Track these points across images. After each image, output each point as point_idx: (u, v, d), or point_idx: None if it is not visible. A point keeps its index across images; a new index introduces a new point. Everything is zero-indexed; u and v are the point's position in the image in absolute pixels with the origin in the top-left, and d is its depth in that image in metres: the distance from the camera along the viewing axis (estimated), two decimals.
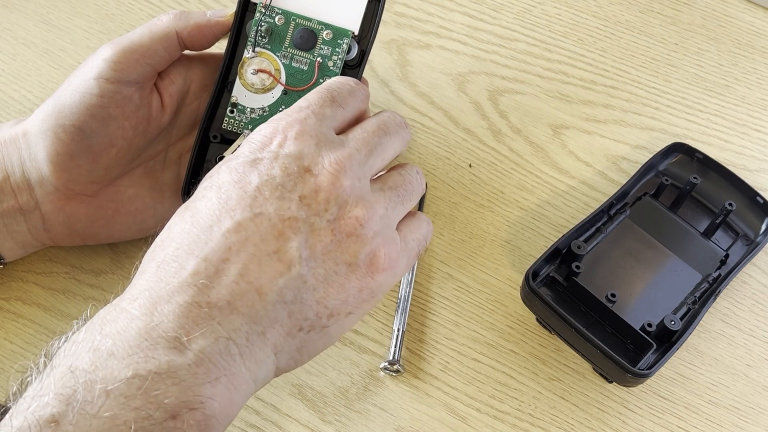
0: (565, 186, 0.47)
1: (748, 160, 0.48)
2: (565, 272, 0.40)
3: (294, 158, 0.32)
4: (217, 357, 0.29)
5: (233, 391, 0.29)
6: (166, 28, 0.38)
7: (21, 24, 0.52)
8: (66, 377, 0.27)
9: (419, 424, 0.39)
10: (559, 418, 0.39)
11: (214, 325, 0.29)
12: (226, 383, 0.29)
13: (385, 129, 0.36)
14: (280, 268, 0.31)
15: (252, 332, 0.30)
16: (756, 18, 0.55)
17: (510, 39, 0.53)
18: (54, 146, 0.37)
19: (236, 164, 0.33)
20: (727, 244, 0.44)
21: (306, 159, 0.32)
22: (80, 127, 0.37)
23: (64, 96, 0.38)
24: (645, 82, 0.51)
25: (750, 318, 0.42)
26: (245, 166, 0.32)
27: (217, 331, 0.29)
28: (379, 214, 0.33)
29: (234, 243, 0.30)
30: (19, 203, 0.38)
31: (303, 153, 0.33)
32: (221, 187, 0.32)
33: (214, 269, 0.30)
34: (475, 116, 0.49)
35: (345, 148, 0.34)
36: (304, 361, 0.33)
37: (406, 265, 0.35)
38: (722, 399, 0.40)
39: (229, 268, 0.30)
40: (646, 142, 0.49)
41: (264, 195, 0.31)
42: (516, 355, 0.41)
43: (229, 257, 0.30)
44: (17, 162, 0.38)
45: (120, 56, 0.37)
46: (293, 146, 0.33)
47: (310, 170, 0.32)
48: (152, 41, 0.38)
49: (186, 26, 0.39)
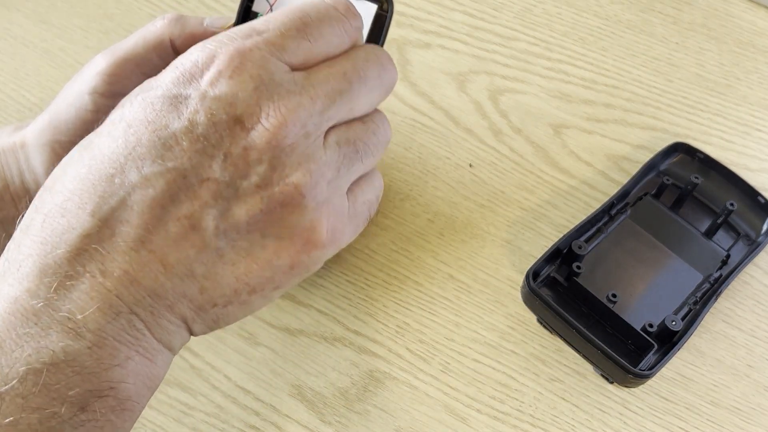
0: (565, 186, 0.47)
1: (750, 159, 0.48)
2: (565, 272, 0.40)
3: (224, 103, 0.26)
4: (121, 334, 0.25)
5: (149, 365, 0.26)
6: (160, 35, 0.36)
7: (20, 23, 0.52)
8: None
9: (419, 425, 0.39)
10: (559, 418, 0.39)
11: (111, 298, 0.25)
12: (138, 360, 0.25)
13: (361, 73, 0.29)
14: (192, 238, 0.26)
15: (157, 305, 0.26)
16: (757, 17, 0.55)
17: (510, 38, 0.53)
18: (51, 160, 0.36)
19: (153, 98, 0.27)
20: (728, 244, 0.43)
21: (239, 106, 0.26)
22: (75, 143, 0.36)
23: (59, 110, 0.37)
24: (646, 82, 0.51)
25: (751, 318, 0.42)
26: (164, 103, 0.27)
27: (117, 305, 0.25)
28: (327, 178, 0.28)
29: (137, 202, 0.25)
30: (19, 211, 0.38)
31: (237, 98, 0.26)
32: (131, 126, 0.26)
33: (109, 232, 0.25)
34: (476, 116, 0.49)
35: (295, 95, 0.27)
36: (221, 327, 0.29)
37: (351, 235, 0.31)
38: (723, 400, 0.40)
39: (127, 232, 0.25)
40: (647, 141, 0.48)
41: (181, 146, 0.26)
42: (516, 356, 0.41)
43: (129, 218, 0.25)
44: (16, 172, 0.38)
45: (114, 68, 0.36)
46: (225, 86, 0.26)
47: (242, 122, 0.26)
48: (146, 50, 0.36)
49: (180, 34, 0.36)
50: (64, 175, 0.27)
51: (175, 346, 0.27)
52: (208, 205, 0.26)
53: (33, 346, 0.23)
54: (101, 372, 0.24)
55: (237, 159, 0.26)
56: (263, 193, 0.27)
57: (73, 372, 0.24)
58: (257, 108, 0.26)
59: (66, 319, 0.24)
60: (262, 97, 0.27)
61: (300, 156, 0.27)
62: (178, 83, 0.27)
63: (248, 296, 0.28)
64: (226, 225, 0.26)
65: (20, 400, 0.23)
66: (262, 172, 0.26)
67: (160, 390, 0.39)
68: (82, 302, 0.24)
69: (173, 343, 0.27)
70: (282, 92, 0.27)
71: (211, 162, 0.26)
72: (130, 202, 0.25)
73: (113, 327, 0.25)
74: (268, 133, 0.26)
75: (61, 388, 0.23)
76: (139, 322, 0.25)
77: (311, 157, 0.27)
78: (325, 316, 0.42)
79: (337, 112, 0.29)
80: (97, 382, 0.24)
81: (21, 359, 0.23)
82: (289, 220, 0.27)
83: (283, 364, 0.40)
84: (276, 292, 0.29)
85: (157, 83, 0.28)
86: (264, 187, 0.27)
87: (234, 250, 0.27)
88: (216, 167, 0.26)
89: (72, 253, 0.25)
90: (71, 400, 0.23)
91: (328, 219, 0.28)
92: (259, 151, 0.26)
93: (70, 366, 0.24)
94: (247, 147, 0.26)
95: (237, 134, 0.26)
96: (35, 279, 0.24)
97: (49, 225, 0.25)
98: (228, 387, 0.40)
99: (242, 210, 0.26)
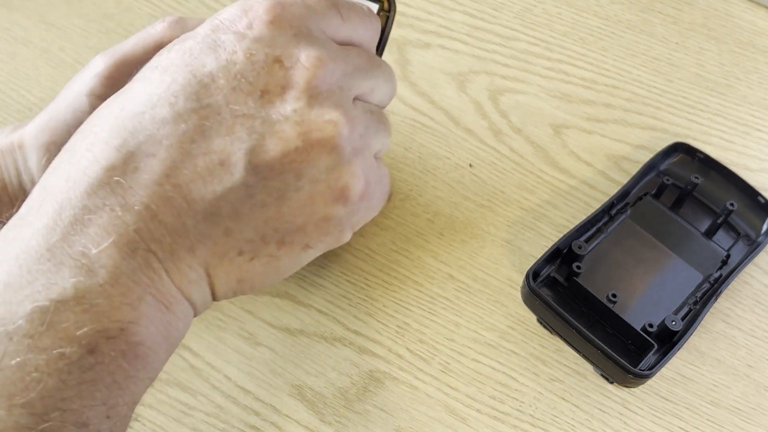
0: (565, 186, 0.47)
1: (750, 159, 0.48)
2: (565, 272, 0.40)
3: (263, 44, 0.26)
4: (136, 273, 0.24)
5: (164, 311, 0.24)
6: (160, 38, 0.36)
7: (20, 23, 0.52)
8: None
9: (419, 425, 0.39)
10: (559, 418, 0.39)
11: (129, 233, 0.24)
12: (152, 302, 0.24)
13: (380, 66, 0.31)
14: (220, 173, 0.25)
15: (177, 246, 0.24)
16: (757, 17, 0.55)
17: (510, 38, 0.53)
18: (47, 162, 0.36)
19: (191, 44, 0.27)
20: (728, 244, 0.43)
21: (278, 47, 0.26)
22: None
23: (58, 111, 0.36)
24: (646, 82, 0.51)
25: (751, 318, 0.42)
26: (202, 47, 0.26)
27: (134, 241, 0.24)
28: (359, 131, 0.28)
29: (165, 136, 0.25)
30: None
31: (276, 41, 0.26)
32: (167, 70, 0.26)
33: (133, 165, 0.24)
34: (476, 116, 0.49)
35: (332, 51, 0.27)
36: (245, 293, 0.27)
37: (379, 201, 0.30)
38: (723, 400, 0.40)
39: (152, 166, 0.24)
40: (647, 141, 0.48)
41: (217, 83, 0.25)
42: (516, 356, 0.41)
43: (155, 152, 0.24)
44: (14, 172, 0.38)
45: (112, 70, 0.35)
46: (265, 30, 0.26)
47: (281, 61, 0.26)
48: (146, 53, 0.36)
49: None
50: (95, 116, 0.26)
51: (195, 299, 0.26)
52: (241, 140, 0.25)
53: (42, 282, 0.22)
54: (111, 311, 0.23)
55: (274, 96, 0.26)
56: (300, 129, 0.26)
57: (82, 310, 0.22)
58: (296, 50, 0.26)
59: (80, 254, 0.23)
60: (301, 42, 0.26)
61: (336, 101, 0.27)
62: (216, 30, 0.27)
63: (276, 249, 0.26)
64: (258, 161, 0.25)
65: (27, 340, 0.22)
66: (300, 108, 0.26)
67: (160, 390, 0.39)
68: (98, 237, 0.23)
69: (193, 295, 0.26)
70: (319, 44, 0.27)
71: (246, 98, 0.25)
72: (159, 137, 0.24)
73: (128, 264, 0.23)
74: (308, 72, 0.26)
75: (69, 326, 0.22)
76: (156, 262, 0.24)
77: (345, 106, 0.27)
78: (325, 316, 0.42)
79: (361, 84, 0.29)
80: (107, 322, 0.23)
81: (29, 296, 0.22)
82: (326, 162, 0.26)
83: (283, 364, 0.40)
84: (304, 253, 0.27)
85: (194, 33, 0.27)
86: (301, 123, 0.26)
87: (265, 190, 0.25)
88: (252, 103, 0.25)
89: (93, 186, 0.24)
90: (79, 340, 0.22)
91: (363, 170, 0.27)
92: (297, 89, 0.26)
93: (80, 304, 0.22)
94: (285, 85, 0.26)
95: (275, 72, 0.26)
96: (54, 215, 0.24)
97: (75, 161, 0.25)
98: (228, 387, 0.40)
99: (277, 146, 0.25)
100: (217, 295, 0.27)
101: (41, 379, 0.21)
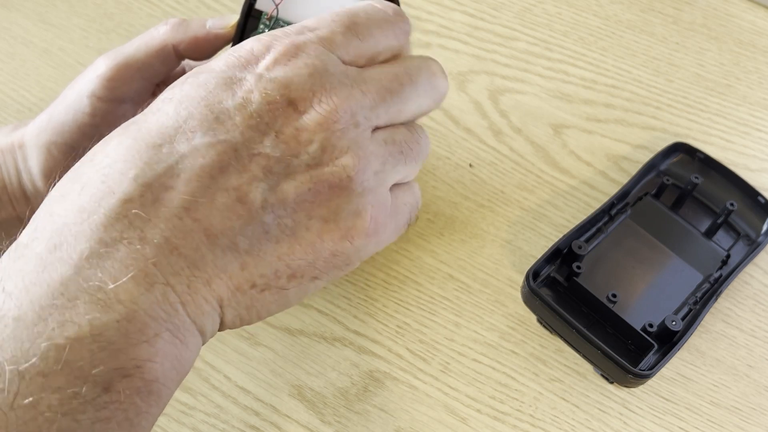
0: (565, 186, 0.47)
1: (750, 159, 0.48)
2: (565, 272, 0.40)
3: (279, 85, 0.27)
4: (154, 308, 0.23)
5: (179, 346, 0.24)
6: (162, 41, 0.36)
7: (19, 23, 0.52)
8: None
9: (419, 425, 0.39)
10: (559, 418, 0.39)
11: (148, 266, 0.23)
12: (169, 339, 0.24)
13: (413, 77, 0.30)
14: (239, 210, 0.25)
15: (195, 279, 0.24)
16: (757, 17, 0.55)
17: (510, 38, 0.53)
18: (47, 162, 0.36)
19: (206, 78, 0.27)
20: (728, 244, 0.43)
21: (294, 90, 0.27)
22: (72, 146, 0.36)
23: (59, 111, 0.36)
24: (646, 82, 0.51)
25: (751, 318, 0.42)
26: (218, 83, 0.26)
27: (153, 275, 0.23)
28: (374, 169, 0.28)
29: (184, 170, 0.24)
30: (17, 212, 0.38)
31: (291, 82, 0.27)
32: (182, 102, 0.26)
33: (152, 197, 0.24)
34: (476, 116, 0.49)
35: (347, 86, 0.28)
36: (252, 322, 0.28)
37: (392, 233, 0.30)
38: (723, 400, 0.40)
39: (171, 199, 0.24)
40: (647, 141, 0.48)
41: (234, 120, 0.26)
42: (516, 356, 0.41)
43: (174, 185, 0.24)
44: (14, 172, 0.38)
45: (114, 73, 0.36)
46: (281, 71, 0.27)
47: (296, 104, 0.27)
48: (148, 56, 0.36)
49: (183, 39, 0.36)
50: (105, 146, 0.26)
51: (207, 330, 0.26)
52: (258, 179, 0.26)
53: (57, 319, 0.22)
54: (128, 348, 0.22)
55: (289, 138, 0.26)
56: (313, 172, 0.26)
57: (99, 348, 0.22)
58: (310, 93, 0.27)
59: (96, 289, 0.22)
60: (316, 84, 0.27)
61: (350, 141, 0.27)
62: (232, 67, 0.27)
63: (287, 282, 0.27)
64: (274, 200, 0.26)
65: (41, 378, 0.21)
66: (312, 151, 0.26)
67: None
68: (116, 271, 0.23)
69: (206, 326, 0.26)
70: (334, 82, 0.27)
71: (263, 138, 0.26)
72: (178, 170, 0.25)
73: (146, 299, 0.23)
74: (320, 117, 0.26)
75: (84, 365, 0.22)
76: (174, 296, 0.24)
77: (360, 145, 0.28)
78: (325, 316, 0.42)
79: (386, 111, 0.29)
80: (124, 360, 0.22)
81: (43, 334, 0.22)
82: (336, 203, 0.27)
83: (283, 364, 0.40)
84: (312, 284, 0.28)
85: (209, 68, 0.27)
86: (314, 167, 0.26)
87: (279, 228, 0.26)
88: (268, 143, 0.26)
89: (110, 219, 0.23)
90: (94, 379, 0.22)
91: (372, 208, 0.28)
92: (310, 132, 0.26)
93: (96, 341, 0.22)
94: (299, 128, 0.26)
95: (290, 115, 0.26)
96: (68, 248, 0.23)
97: (87, 192, 0.24)
98: (228, 387, 0.40)
99: (291, 187, 0.26)
100: (225, 324, 0.27)
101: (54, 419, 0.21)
